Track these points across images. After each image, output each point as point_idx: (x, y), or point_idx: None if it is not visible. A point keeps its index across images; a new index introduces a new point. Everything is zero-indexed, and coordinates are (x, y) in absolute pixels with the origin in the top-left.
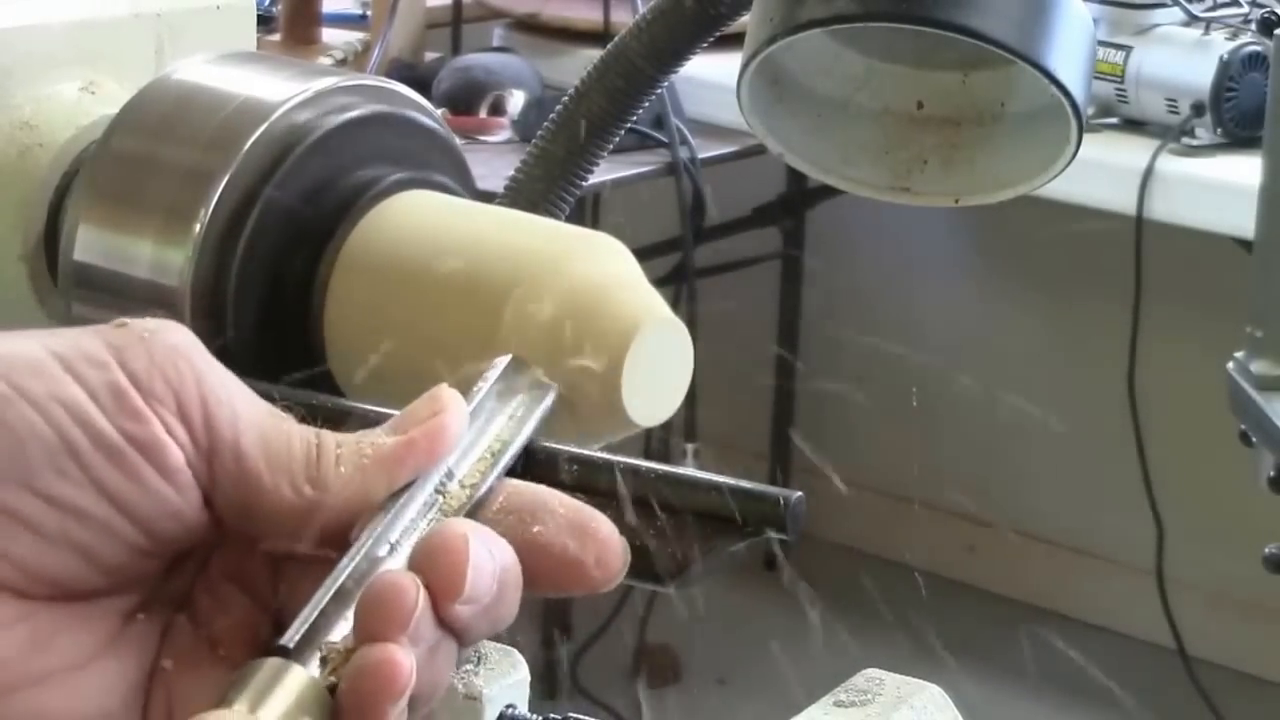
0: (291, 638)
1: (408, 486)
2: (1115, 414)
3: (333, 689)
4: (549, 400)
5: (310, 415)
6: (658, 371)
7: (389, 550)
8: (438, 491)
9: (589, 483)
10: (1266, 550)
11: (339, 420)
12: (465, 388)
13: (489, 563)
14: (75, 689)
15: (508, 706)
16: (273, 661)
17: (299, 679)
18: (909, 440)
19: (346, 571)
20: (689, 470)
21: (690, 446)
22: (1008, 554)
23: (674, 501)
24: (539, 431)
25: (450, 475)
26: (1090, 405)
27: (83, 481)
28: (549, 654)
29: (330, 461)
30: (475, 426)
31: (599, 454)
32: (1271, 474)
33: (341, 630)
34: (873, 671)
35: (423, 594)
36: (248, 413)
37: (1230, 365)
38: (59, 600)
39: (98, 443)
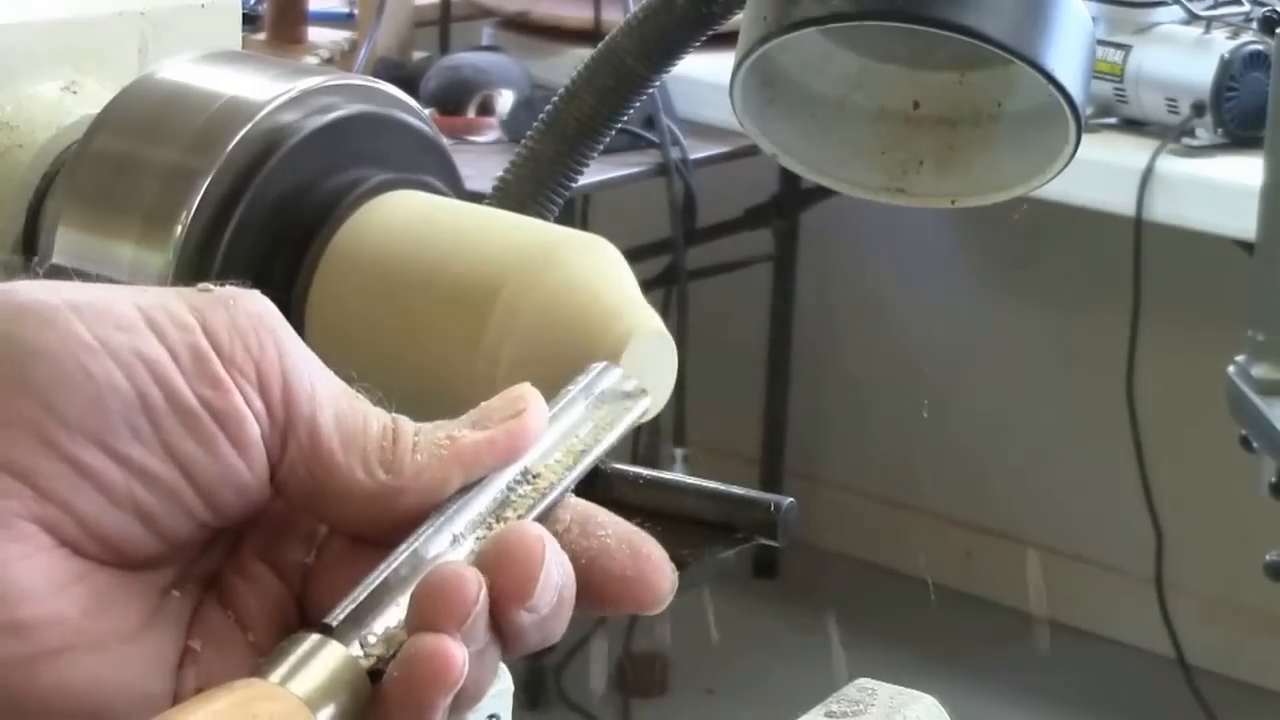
0: (337, 616)
1: (479, 481)
2: (1114, 418)
3: (374, 675)
4: (638, 410)
5: None
6: (644, 379)
7: (451, 543)
8: (509, 489)
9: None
10: (1268, 557)
11: None
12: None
13: (556, 573)
14: (126, 659)
15: (491, 716)
16: (314, 637)
17: (338, 656)
18: (903, 445)
19: (402, 558)
20: (678, 475)
21: (680, 451)
22: (1004, 561)
23: (663, 507)
24: (621, 440)
25: (525, 476)
26: (1089, 409)
27: (154, 443)
28: (533, 663)
29: (407, 447)
30: (558, 429)
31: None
32: (1273, 480)
33: (390, 618)
34: (865, 681)
35: (484, 592)
36: (326, 390)
37: (1231, 369)
38: (111, 565)
39: (175, 405)
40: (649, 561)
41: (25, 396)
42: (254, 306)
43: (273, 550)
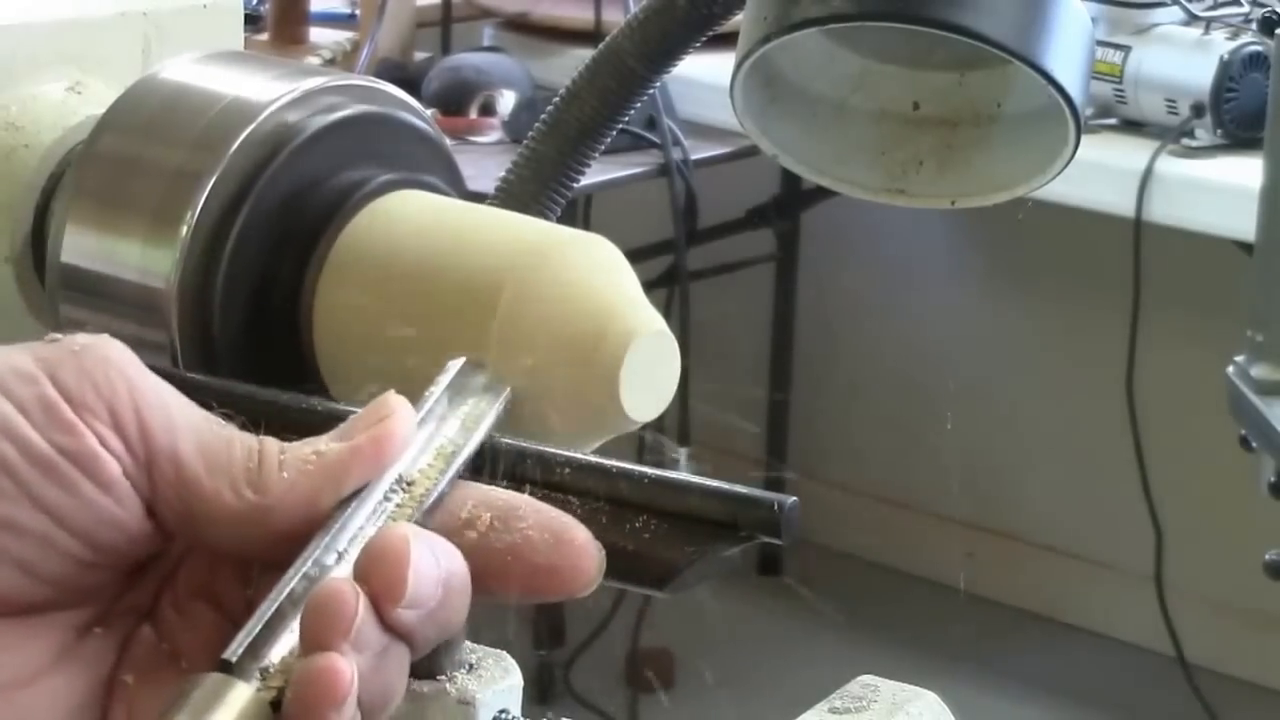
0: (235, 651)
1: (357, 493)
2: (1114, 418)
3: (276, 703)
4: (502, 403)
5: (301, 418)
6: (646, 379)
7: (337, 559)
8: (387, 498)
9: (582, 486)
10: (1267, 556)
11: (330, 423)
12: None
13: (432, 567)
14: (25, 704)
15: (501, 711)
16: (214, 677)
17: (241, 695)
18: (905, 445)
19: (293, 582)
20: (682, 475)
21: (683, 451)
22: (1005, 560)
23: (668, 506)
24: (493, 435)
25: (401, 481)
26: (1089, 409)
27: (16, 496)
28: (542, 658)
29: (273, 466)
30: (426, 431)
31: (592, 458)
32: (1272, 479)
33: (286, 644)
34: (868, 678)
35: (363, 601)
36: (184, 420)
37: (1230, 369)
38: (3, 615)
39: (30, 456)
40: (571, 546)
41: None
42: (102, 351)
43: (207, 582)
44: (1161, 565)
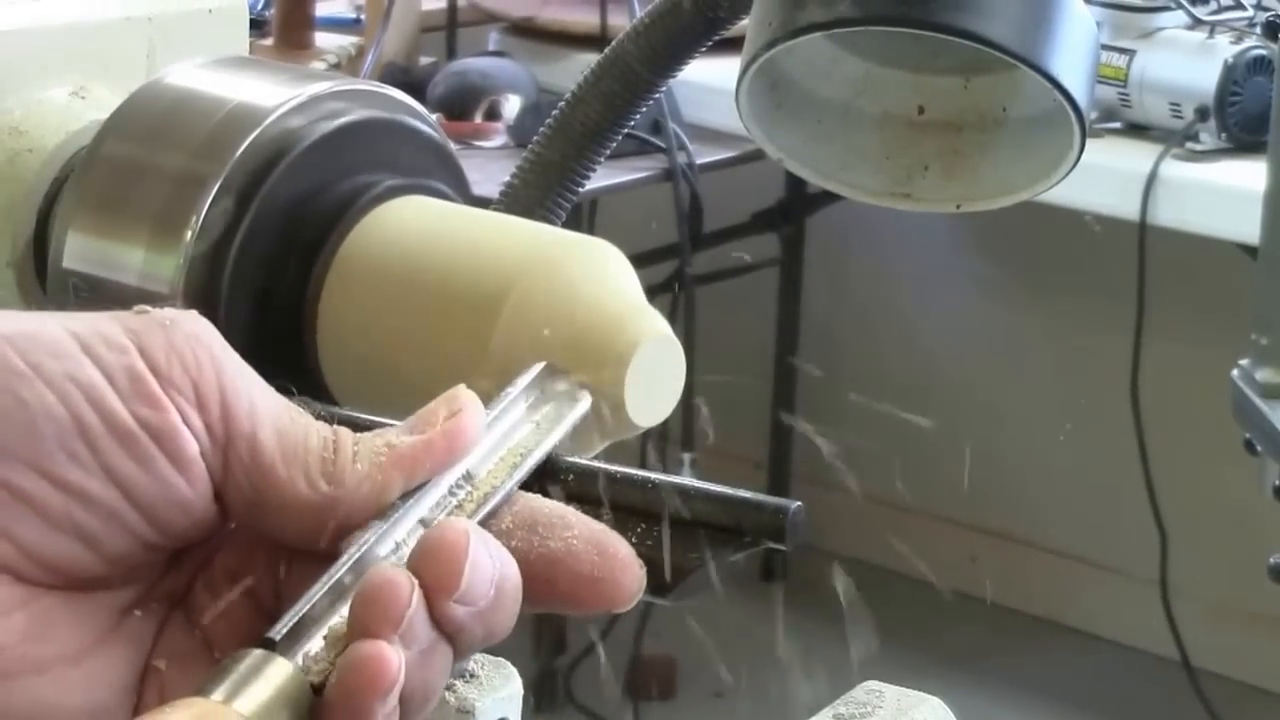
0: (279, 630)
1: (421, 487)
2: (1118, 422)
3: (318, 687)
4: (579, 410)
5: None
6: (650, 384)
7: (393, 549)
8: (452, 493)
9: (585, 491)
10: (1271, 560)
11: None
12: (486, 398)
13: (488, 565)
14: (70, 681)
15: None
16: (257, 653)
17: (282, 671)
18: (910, 449)
19: (345, 568)
20: (687, 479)
21: (688, 455)
22: (1010, 564)
23: (672, 511)
24: (564, 442)
25: (468, 478)
26: (1093, 413)
27: (93, 465)
28: (543, 666)
29: (347, 457)
30: (498, 431)
31: (596, 463)
32: (1276, 483)
33: (334, 629)
34: (872, 684)
35: (417, 592)
36: (265, 405)
37: (1235, 373)
38: (58, 588)
39: (111, 426)
40: (616, 560)
41: None
42: (191, 327)
43: (244, 570)
44: (1166, 569)
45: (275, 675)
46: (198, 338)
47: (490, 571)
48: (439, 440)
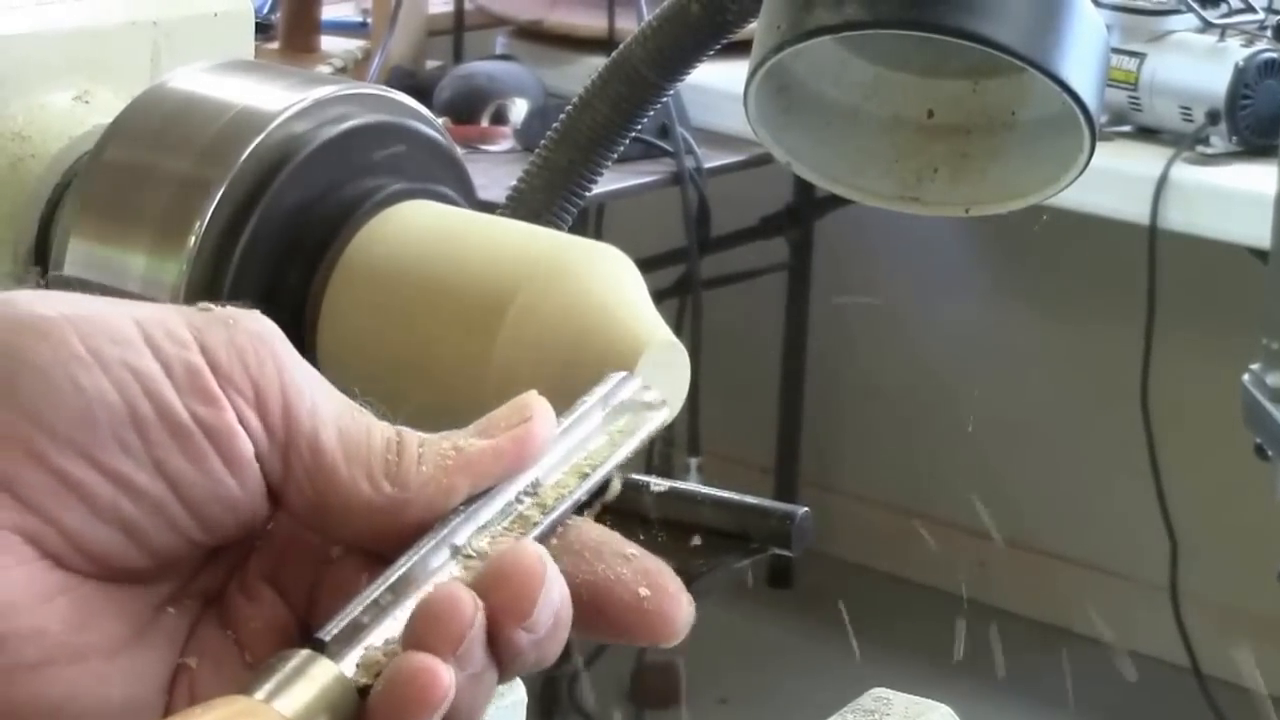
0: (330, 630)
1: (484, 493)
2: (1128, 427)
3: (364, 692)
4: (655, 424)
5: None
6: (656, 390)
7: (451, 555)
8: (519, 500)
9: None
10: None
11: None
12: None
13: (556, 593)
14: (107, 674)
15: None
16: (303, 653)
17: (327, 673)
18: (918, 454)
19: (400, 572)
20: (693, 485)
21: (694, 461)
22: (1019, 570)
23: (678, 517)
24: (636, 454)
25: (534, 487)
26: (1103, 418)
27: (143, 457)
28: (547, 673)
29: (412, 459)
30: (570, 440)
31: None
32: None
33: (385, 633)
34: (881, 691)
35: (480, 615)
36: (327, 406)
37: (1245, 377)
38: (98, 579)
39: (165, 420)
40: (666, 593)
41: (12, 408)
42: (254, 326)
43: (279, 571)
44: (1176, 575)
45: (320, 676)
46: (260, 336)
47: (556, 600)
48: (508, 446)
